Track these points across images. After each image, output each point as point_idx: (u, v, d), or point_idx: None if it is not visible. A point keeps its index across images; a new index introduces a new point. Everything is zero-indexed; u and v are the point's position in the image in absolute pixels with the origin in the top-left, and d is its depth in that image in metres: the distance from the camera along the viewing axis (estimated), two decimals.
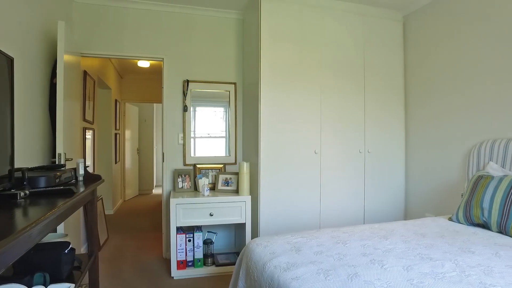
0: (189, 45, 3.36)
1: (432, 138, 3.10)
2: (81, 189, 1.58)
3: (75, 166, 1.99)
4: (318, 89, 3.06)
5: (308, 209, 3.02)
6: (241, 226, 3.06)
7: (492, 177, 2.17)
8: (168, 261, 3.12)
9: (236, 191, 3.06)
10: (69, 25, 2.96)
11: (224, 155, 3.44)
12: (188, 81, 3.32)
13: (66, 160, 2.31)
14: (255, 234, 2.96)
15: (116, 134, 5.74)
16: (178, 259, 2.84)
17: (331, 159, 3.10)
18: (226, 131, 3.46)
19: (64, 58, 2.22)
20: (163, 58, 3.29)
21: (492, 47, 2.56)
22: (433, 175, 3.09)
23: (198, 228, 3.01)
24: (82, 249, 3.16)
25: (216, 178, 3.21)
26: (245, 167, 2.88)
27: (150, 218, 5.12)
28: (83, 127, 3.65)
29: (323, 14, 3.09)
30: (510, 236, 1.89)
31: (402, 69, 3.38)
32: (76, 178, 1.92)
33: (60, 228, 2.20)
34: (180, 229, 2.95)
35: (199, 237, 2.94)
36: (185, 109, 3.32)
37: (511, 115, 2.43)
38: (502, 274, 1.36)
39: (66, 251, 1.52)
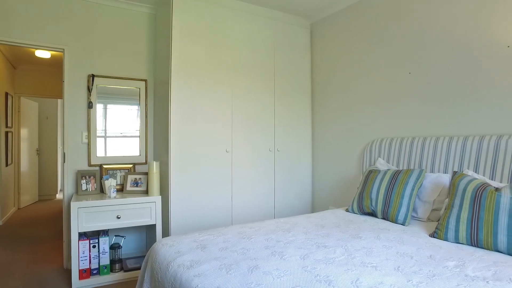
0: (95, 37, 3.11)
1: (334, 137, 3.41)
2: None
3: None
4: (230, 89, 3.12)
5: (220, 207, 3.06)
6: (152, 228, 2.95)
7: (379, 171, 2.47)
8: (69, 272, 2.84)
9: (146, 192, 2.95)
10: None
11: (138, 154, 3.27)
12: (93, 76, 3.08)
13: None
14: (166, 234, 2.88)
15: (7, 133, 5.02)
16: (80, 268, 2.61)
17: (242, 157, 3.18)
18: (140, 130, 3.30)
19: None
20: (64, 49, 2.98)
21: (379, 54, 2.93)
22: (336, 171, 3.40)
23: (105, 232, 2.81)
24: None
25: (124, 178, 3.03)
26: (155, 167, 2.78)
27: (50, 226, 4.60)
28: None
29: (235, 15, 3.16)
30: (390, 221, 2.19)
31: (309, 72, 3.65)
32: None
33: None
34: (83, 235, 2.72)
35: (105, 242, 2.74)
36: (90, 105, 3.07)
37: (394, 117, 2.81)
38: (379, 253, 1.57)
39: None
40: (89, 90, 3.07)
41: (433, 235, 1.85)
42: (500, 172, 2.03)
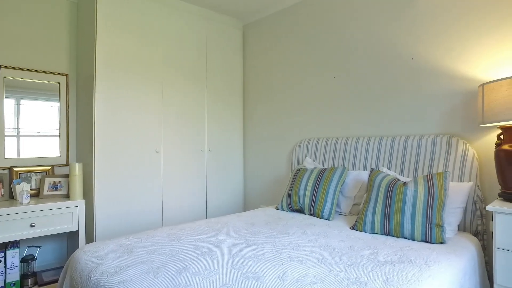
0: (3, 22, 2.76)
1: (265, 137, 3.51)
2: None
3: None
4: (160, 87, 3.02)
5: (151, 209, 2.94)
6: (74, 235, 2.72)
7: (306, 170, 2.61)
8: None
9: (67, 196, 2.71)
10: None
11: (57, 155, 2.98)
12: (0, 66, 2.73)
13: None
14: (90, 241, 2.68)
15: None
16: None
17: (173, 157, 3.10)
18: (60, 128, 3.02)
19: None
20: None
21: (306, 58, 3.09)
22: (267, 170, 3.50)
23: (14, 244, 2.51)
24: None
25: (41, 182, 2.75)
26: (77, 168, 2.57)
27: None
28: None
29: (167, 11, 3.07)
30: (316, 217, 2.33)
31: (241, 72, 3.70)
32: None
33: None
34: None
35: (14, 255, 2.45)
36: None
37: (320, 118, 2.99)
38: (305, 247, 1.66)
39: None
40: None
41: (353, 227, 2.01)
42: (407, 168, 2.29)
